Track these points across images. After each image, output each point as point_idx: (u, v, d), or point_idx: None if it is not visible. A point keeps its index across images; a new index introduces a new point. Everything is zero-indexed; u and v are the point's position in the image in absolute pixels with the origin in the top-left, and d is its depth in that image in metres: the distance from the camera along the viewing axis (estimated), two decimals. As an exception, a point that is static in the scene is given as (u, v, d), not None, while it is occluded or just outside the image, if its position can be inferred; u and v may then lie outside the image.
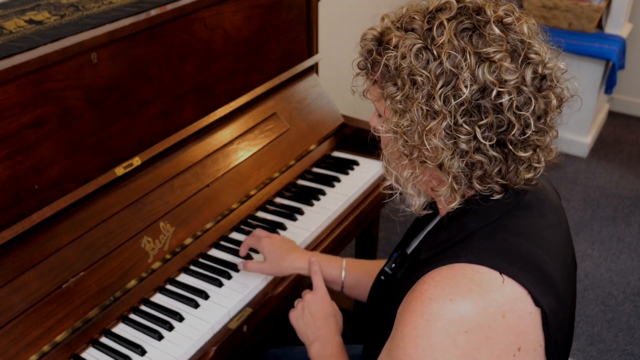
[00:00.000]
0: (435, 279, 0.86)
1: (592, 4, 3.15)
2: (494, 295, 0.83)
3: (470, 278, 0.84)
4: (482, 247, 0.88)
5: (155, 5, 1.48)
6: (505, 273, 0.85)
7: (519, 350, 0.85)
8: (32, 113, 1.23)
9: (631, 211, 3.03)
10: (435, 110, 0.85)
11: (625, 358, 2.24)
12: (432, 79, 0.85)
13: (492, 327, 0.83)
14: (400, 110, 0.89)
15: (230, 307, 1.35)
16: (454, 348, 0.82)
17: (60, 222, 1.30)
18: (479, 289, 0.83)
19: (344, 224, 1.67)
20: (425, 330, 0.83)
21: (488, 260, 0.86)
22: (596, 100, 3.36)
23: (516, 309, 0.84)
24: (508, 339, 0.84)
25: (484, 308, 0.82)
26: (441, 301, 0.83)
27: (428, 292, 0.85)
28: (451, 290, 0.83)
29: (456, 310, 0.82)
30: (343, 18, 2.78)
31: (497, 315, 0.83)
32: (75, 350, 1.25)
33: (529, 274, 0.86)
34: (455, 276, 0.85)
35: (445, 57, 0.84)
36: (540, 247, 0.92)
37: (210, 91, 1.64)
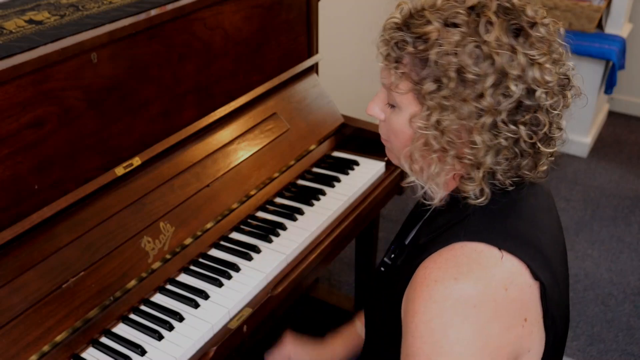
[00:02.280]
0: (436, 262, 0.88)
1: (592, 4, 3.15)
2: (494, 271, 0.86)
3: (469, 256, 0.87)
4: (480, 226, 0.91)
5: (155, 5, 1.48)
6: (504, 249, 0.88)
7: (525, 321, 0.88)
8: (32, 113, 1.23)
9: (631, 211, 3.03)
10: (484, 108, 0.86)
11: (625, 358, 2.24)
12: (482, 77, 0.85)
13: (497, 300, 0.85)
14: (442, 106, 0.88)
15: (230, 307, 1.35)
16: (466, 324, 0.84)
17: (60, 222, 1.30)
18: (479, 266, 0.86)
19: (344, 224, 1.67)
20: (436, 312, 0.85)
21: (486, 238, 0.89)
22: (596, 100, 3.36)
23: (517, 282, 0.87)
24: (514, 310, 0.87)
25: (486, 283, 0.85)
26: (446, 282, 0.85)
27: (432, 275, 0.87)
28: (453, 270, 0.86)
29: (462, 288, 0.84)
30: (343, 18, 2.78)
31: (499, 289, 0.86)
32: (75, 350, 1.25)
33: (526, 250, 0.89)
34: (455, 256, 0.88)
35: (496, 55, 0.84)
36: (536, 227, 0.95)
37: (210, 91, 1.64)
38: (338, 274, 2.66)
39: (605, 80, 3.35)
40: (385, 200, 1.89)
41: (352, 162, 1.87)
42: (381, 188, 1.82)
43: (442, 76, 0.86)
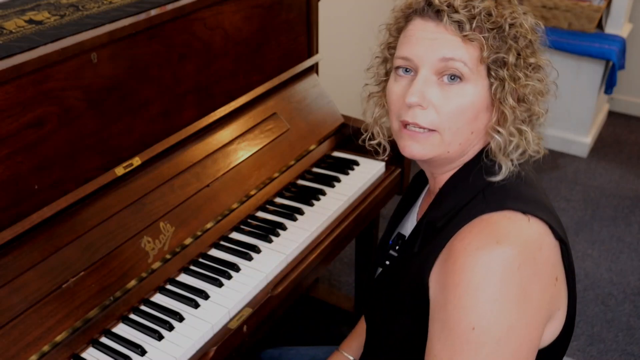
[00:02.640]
0: (472, 232, 0.90)
1: (592, 4, 3.15)
2: (527, 232, 0.90)
3: (501, 223, 0.90)
4: (499, 197, 0.94)
5: (155, 5, 1.48)
6: (528, 212, 0.91)
7: (556, 280, 0.93)
8: (32, 113, 1.23)
9: (631, 211, 3.03)
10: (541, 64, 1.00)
11: (625, 358, 2.24)
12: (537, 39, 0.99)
13: (536, 259, 0.89)
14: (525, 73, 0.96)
15: (230, 307, 1.35)
16: (512, 287, 0.86)
17: (60, 222, 1.30)
18: (514, 228, 0.89)
19: (344, 224, 1.67)
20: (482, 278, 0.86)
21: (509, 204, 0.92)
22: (596, 100, 3.36)
23: (546, 242, 0.92)
24: (548, 269, 0.91)
25: (525, 242, 0.88)
26: (489, 247, 0.87)
27: (472, 244, 0.88)
28: (492, 235, 0.88)
29: (504, 251, 0.87)
30: (343, 18, 2.78)
31: (535, 248, 0.89)
32: (75, 350, 1.25)
33: (545, 212, 0.94)
34: (489, 224, 0.90)
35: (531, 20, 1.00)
36: (540, 192, 1.00)
37: (210, 91, 1.64)
38: (338, 274, 2.66)
39: (605, 80, 3.35)
40: (385, 200, 1.89)
41: (352, 162, 1.87)
42: (381, 188, 1.82)
43: (519, 42, 0.96)
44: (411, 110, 0.97)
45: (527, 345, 0.88)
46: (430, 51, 0.95)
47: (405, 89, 0.98)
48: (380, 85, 1.11)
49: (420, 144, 0.98)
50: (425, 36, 0.95)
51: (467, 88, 0.95)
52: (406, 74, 0.99)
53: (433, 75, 0.95)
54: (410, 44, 0.97)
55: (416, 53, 0.96)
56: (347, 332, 1.44)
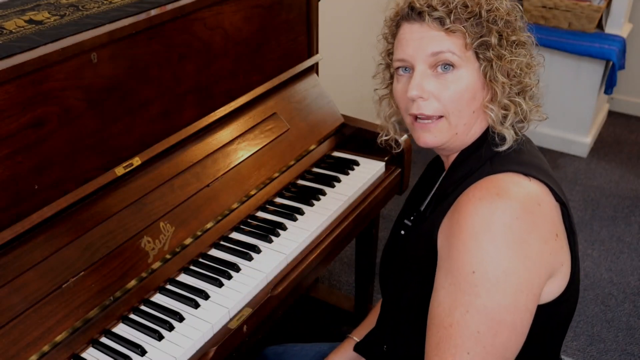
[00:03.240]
0: (476, 187, 0.99)
1: (592, 4, 3.15)
2: (527, 189, 0.98)
3: (503, 180, 0.99)
4: (503, 162, 1.04)
5: (155, 5, 1.48)
6: (529, 175, 1.00)
7: (557, 236, 0.99)
8: (32, 113, 1.23)
9: (631, 211, 3.03)
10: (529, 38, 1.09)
11: (625, 358, 2.24)
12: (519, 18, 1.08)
13: (535, 212, 0.96)
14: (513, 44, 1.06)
15: (230, 307, 1.35)
16: (511, 234, 0.93)
17: (60, 222, 1.30)
18: (515, 185, 0.98)
19: (344, 224, 1.67)
20: (484, 224, 0.94)
21: (512, 168, 1.01)
22: (596, 100, 3.36)
23: (546, 200, 0.99)
24: (548, 224, 0.98)
25: (525, 197, 0.96)
26: (490, 197, 0.95)
27: (475, 196, 0.97)
28: (494, 189, 0.97)
29: (505, 202, 0.95)
30: (343, 18, 2.78)
31: (535, 203, 0.97)
32: (75, 350, 1.25)
33: (546, 177, 1.02)
34: (492, 181, 0.99)
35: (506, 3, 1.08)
36: (542, 161, 1.09)
37: (210, 91, 1.64)
38: (338, 274, 2.66)
39: (605, 80, 3.35)
40: (385, 200, 1.89)
41: (352, 162, 1.87)
42: (381, 188, 1.82)
43: (498, 27, 1.05)
44: (415, 103, 1.07)
45: (525, 291, 0.94)
46: (420, 49, 1.06)
47: (406, 85, 1.09)
48: (388, 88, 1.22)
49: (431, 133, 1.09)
50: (414, 37, 1.07)
51: (460, 73, 1.05)
52: (405, 72, 1.10)
53: (428, 69, 1.06)
54: (402, 46, 1.09)
55: (409, 53, 1.07)
56: (347, 332, 1.45)
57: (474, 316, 0.93)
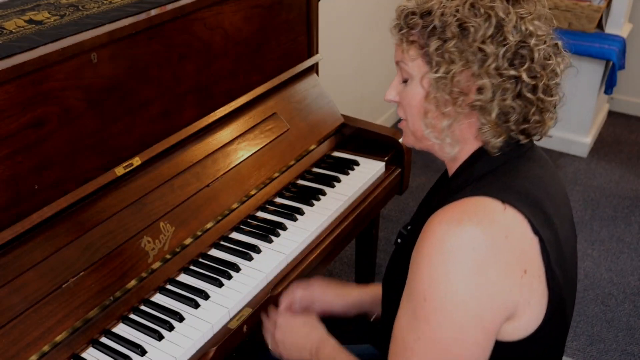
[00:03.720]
0: (444, 210, 0.96)
1: (592, 4, 3.15)
2: (496, 218, 0.92)
3: (475, 205, 0.94)
4: (487, 184, 0.99)
5: (155, 5, 1.48)
6: (507, 202, 0.94)
7: (525, 272, 0.93)
8: (32, 113, 1.23)
9: (631, 211, 3.03)
10: (487, 53, 0.96)
11: (625, 358, 2.24)
12: (482, 27, 0.95)
13: (498, 245, 0.91)
14: (449, 58, 0.97)
15: (230, 307, 1.35)
16: (466, 263, 0.89)
17: (60, 222, 1.30)
18: (482, 213, 0.93)
19: (344, 224, 1.67)
20: (438, 250, 0.91)
21: (491, 192, 0.95)
22: (596, 100, 3.36)
23: (517, 232, 0.93)
24: (513, 259, 0.92)
25: (488, 228, 0.91)
26: (451, 224, 0.92)
27: (437, 219, 0.94)
28: (458, 215, 0.93)
29: (464, 230, 0.90)
30: (343, 18, 2.78)
31: (500, 235, 0.91)
32: (75, 350, 1.25)
33: (528, 206, 0.95)
34: (461, 206, 0.95)
35: (491, 10, 0.96)
36: (540, 191, 1.01)
37: (210, 91, 1.64)
38: (338, 274, 2.66)
39: (605, 80, 3.35)
40: (385, 200, 1.89)
41: (352, 162, 1.87)
42: (381, 188, 1.82)
43: (447, 32, 0.97)
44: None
45: (474, 324, 0.91)
46: (395, 57, 1.08)
47: None
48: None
49: (404, 134, 1.13)
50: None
51: (411, 85, 1.04)
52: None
53: (400, 76, 1.08)
54: None
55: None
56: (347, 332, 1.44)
57: (425, 344, 0.93)
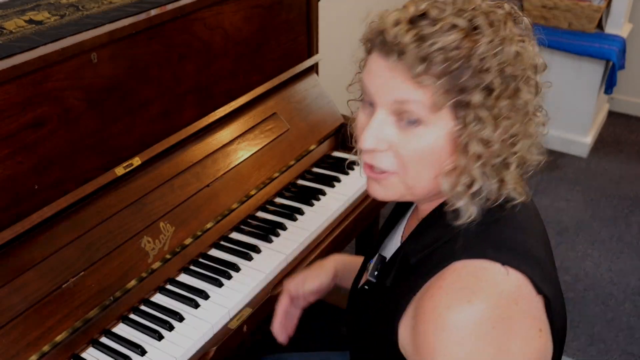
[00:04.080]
0: (442, 287, 0.83)
1: (592, 4, 3.15)
2: (503, 286, 0.82)
3: (475, 275, 0.83)
4: (477, 241, 0.86)
5: (155, 5, 1.48)
6: (507, 264, 0.84)
7: (540, 331, 0.85)
8: (32, 113, 1.23)
9: (631, 211, 3.03)
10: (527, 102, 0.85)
11: (625, 358, 2.24)
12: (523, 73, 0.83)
13: (512, 315, 0.82)
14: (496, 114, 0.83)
15: (230, 307, 1.35)
16: (489, 347, 0.80)
17: (60, 222, 1.30)
18: (487, 284, 0.82)
19: (344, 224, 1.67)
20: (457, 340, 0.80)
21: (487, 254, 0.84)
22: (596, 100, 3.36)
23: (524, 295, 0.84)
24: (528, 322, 0.84)
25: (499, 300, 0.81)
26: (460, 306, 0.80)
27: (442, 303, 0.82)
28: (463, 292, 0.81)
29: (477, 310, 0.80)
30: (343, 18, 2.78)
31: (511, 304, 0.82)
32: (75, 350, 1.25)
33: (527, 263, 0.86)
34: (460, 277, 0.83)
35: (522, 49, 0.83)
36: (530, 235, 0.91)
37: (210, 91, 1.64)
38: (338, 274, 2.66)
39: (605, 80, 3.35)
40: (385, 200, 1.89)
41: (352, 162, 1.87)
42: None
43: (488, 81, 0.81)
44: (369, 153, 0.89)
45: None
46: (384, 91, 0.85)
47: (365, 124, 0.89)
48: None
49: (382, 187, 0.91)
50: (381, 74, 0.85)
51: (427, 132, 0.84)
52: (370, 107, 0.90)
53: (390, 116, 0.86)
54: (368, 76, 0.88)
55: (373, 89, 0.87)
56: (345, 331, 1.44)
57: None
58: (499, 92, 0.82)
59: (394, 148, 0.86)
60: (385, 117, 0.86)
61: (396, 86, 0.83)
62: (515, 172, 0.87)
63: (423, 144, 0.85)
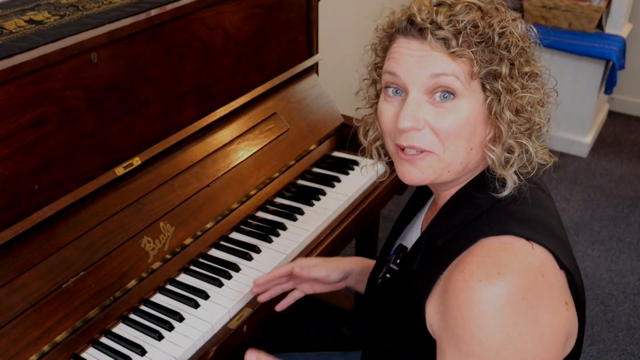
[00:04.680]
0: (472, 262, 0.86)
1: (592, 4, 3.15)
2: (529, 259, 0.86)
3: (504, 249, 0.87)
4: (502, 219, 0.91)
5: (155, 5, 1.48)
6: (532, 239, 0.88)
7: (566, 304, 0.89)
8: (32, 113, 1.23)
9: (631, 211, 3.03)
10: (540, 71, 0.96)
11: (625, 358, 2.24)
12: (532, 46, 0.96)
13: (539, 287, 0.86)
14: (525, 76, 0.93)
15: (230, 307, 1.35)
16: (521, 317, 0.83)
17: (60, 222, 1.30)
18: (516, 257, 0.86)
19: (344, 224, 1.67)
20: (489, 312, 0.83)
21: (513, 230, 0.88)
22: (596, 100, 3.36)
23: (550, 268, 0.88)
24: (555, 295, 0.87)
25: (527, 272, 0.85)
26: (492, 279, 0.84)
27: (473, 276, 0.85)
28: (494, 266, 0.85)
29: (508, 282, 0.83)
30: (343, 18, 2.78)
31: (538, 276, 0.86)
32: (75, 350, 1.25)
33: (549, 239, 0.90)
34: (489, 251, 0.87)
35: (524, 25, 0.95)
36: (550, 215, 0.97)
37: (210, 91, 1.64)
38: (338, 274, 2.65)
39: (605, 80, 3.35)
40: (386, 200, 1.89)
41: (352, 162, 1.87)
42: (381, 188, 1.82)
43: (511, 54, 0.91)
44: (405, 134, 0.92)
45: None
46: (418, 69, 0.90)
47: (396, 112, 0.93)
48: (373, 108, 1.08)
49: (419, 169, 0.95)
50: (411, 54, 0.91)
51: (461, 104, 0.90)
52: (396, 95, 0.95)
53: (424, 95, 0.91)
54: (396, 61, 0.93)
55: (403, 73, 0.92)
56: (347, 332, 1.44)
57: None
58: (519, 64, 0.92)
59: (431, 125, 0.91)
60: (420, 96, 0.92)
61: (432, 61, 0.90)
62: (538, 141, 0.96)
63: (460, 115, 0.91)
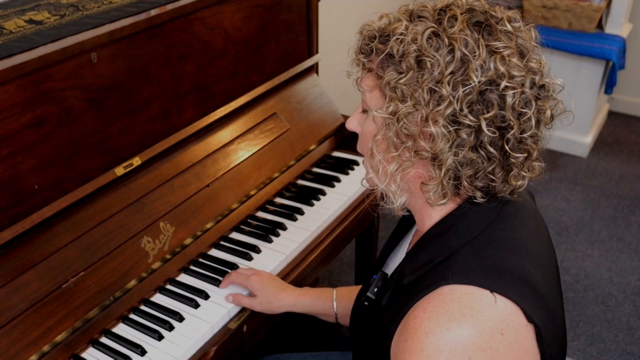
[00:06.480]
0: (426, 310, 0.83)
1: (592, 4, 3.15)
2: (488, 315, 0.81)
3: (460, 301, 0.82)
4: (468, 266, 0.86)
5: (155, 5, 1.48)
6: (496, 291, 0.82)
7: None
8: (32, 113, 1.23)
9: (631, 211, 3.03)
10: (442, 95, 0.83)
11: (625, 358, 2.24)
12: (442, 63, 0.83)
13: (494, 347, 0.80)
14: (401, 95, 0.86)
15: (230, 307, 1.35)
16: None
17: (60, 222, 1.30)
18: (472, 311, 0.81)
19: (344, 224, 1.67)
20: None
21: (476, 279, 0.83)
22: (596, 100, 3.36)
23: (512, 324, 0.82)
24: (511, 355, 0.82)
25: (481, 330, 0.80)
26: (438, 333, 0.80)
27: (422, 326, 0.81)
28: (445, 318, 0.80)
29: (455, 338, 0.79)
30: (343, 18, 2.78)
31: (495, 334, 0.81)
32: (75, 350, 1.25)
33: (518, 289, 0.84)
34: (445, 302, 0.82)
35: (457, 44, 0.83)
36: (525, 259, 0.90)
37: (210, 91, 1.64)
38: (338, 274, 2.66)
39: (605, 80, 3.35)
40: (385, 200, 1.89)
41: (352, 162, 1.87)
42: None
43: (403, 64, 0.86)
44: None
45: None
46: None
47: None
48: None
49: (366, 172, 0.99)
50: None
51: (367, 119, 0.94)
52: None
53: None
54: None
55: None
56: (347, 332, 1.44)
57: None
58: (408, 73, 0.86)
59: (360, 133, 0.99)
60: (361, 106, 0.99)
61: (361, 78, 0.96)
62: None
63: (365, 127, 0.96)
